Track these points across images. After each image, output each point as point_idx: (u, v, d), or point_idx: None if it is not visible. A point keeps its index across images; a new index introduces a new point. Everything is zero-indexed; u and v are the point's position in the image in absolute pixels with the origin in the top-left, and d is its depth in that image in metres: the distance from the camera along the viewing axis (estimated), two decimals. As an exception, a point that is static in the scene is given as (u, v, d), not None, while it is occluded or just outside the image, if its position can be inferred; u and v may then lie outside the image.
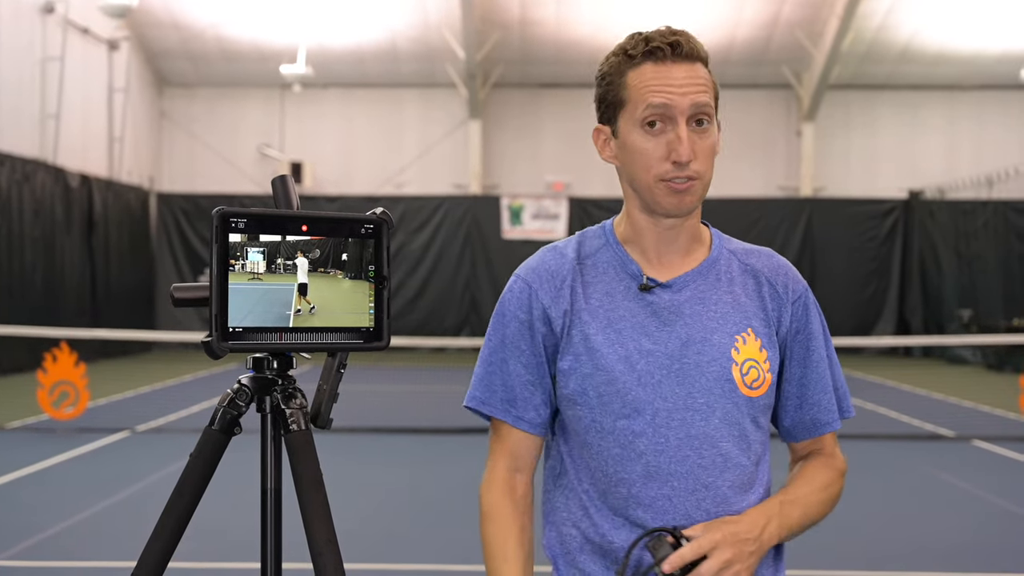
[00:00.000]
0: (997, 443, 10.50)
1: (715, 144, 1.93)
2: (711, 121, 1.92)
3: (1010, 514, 7.55)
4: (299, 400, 1.80)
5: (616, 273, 1.97)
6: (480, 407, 2.00)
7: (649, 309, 1.93)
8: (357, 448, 9.75)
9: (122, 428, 10.82)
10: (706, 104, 1.90)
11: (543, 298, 1.96)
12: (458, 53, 21.41)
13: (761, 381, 1.93)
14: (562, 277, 1.97)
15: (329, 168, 23.25)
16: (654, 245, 1.97)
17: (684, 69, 1.90)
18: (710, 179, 1.94)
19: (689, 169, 1.88)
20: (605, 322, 1.93)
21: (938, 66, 22.50)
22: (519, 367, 1.97)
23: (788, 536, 1.92)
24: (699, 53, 1.93)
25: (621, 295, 1.94)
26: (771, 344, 1.96)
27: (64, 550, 6.32)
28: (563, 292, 1.96)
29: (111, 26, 20.08)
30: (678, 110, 1.88)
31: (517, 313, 1.98)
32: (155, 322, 22.04)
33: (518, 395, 1.98)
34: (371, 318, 1.77)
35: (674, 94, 1.88)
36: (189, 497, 1.79)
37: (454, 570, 5.97)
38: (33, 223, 17.29)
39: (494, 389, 1.99)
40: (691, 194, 1.90)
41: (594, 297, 1.95)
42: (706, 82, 1.92)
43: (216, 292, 1.65)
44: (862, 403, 13.80)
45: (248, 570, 5.78)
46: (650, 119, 1.89)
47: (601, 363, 1.90)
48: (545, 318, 1.96)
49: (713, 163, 1.94)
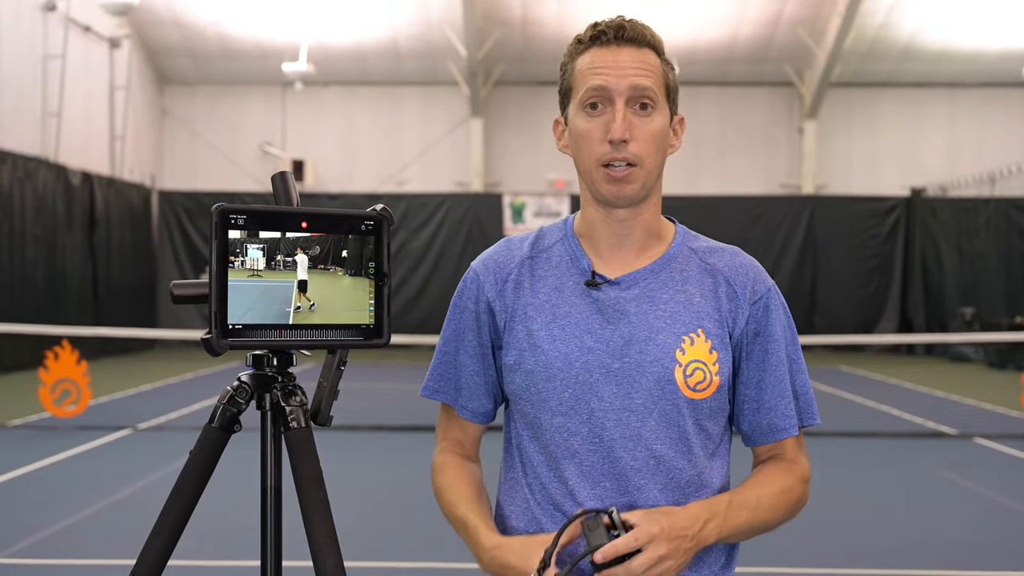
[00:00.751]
0: (999, 441, 10.49)
1: (661, 132, 1.88)
2: (656, 107, 1.88)
3: (1012, 511, 7.54)
4: (299, 397, 1.79)
5: (567, 268, 1.95)
6: (432, 395, 2.06)
7: (595, 306, 1.90)
8: (358, 446, 9.75)
9: (124, 426, 10.82)
10: (647, 88, 1.86)
11: (488, 290, 1.98)
12: (460, 51, 21.40)
13: (707, 383, 1.88)
14: (508, 271, 1.98)
15: (331, 166, 23.24)
16: (606, 239, 1.94)
17: (628, 53, 1.88)
18: (654, 168, 1.89)
19: (626, 151, 1.85)
20: (550, 317, 1.92)
21: (940, 64, 22.48)
22: (466, 357, 2.01)
23: (730, 538, 1.86)
24: (647, 39, 1.90)
25: (569, 290, 1.93)
26: (723, 346, 1.91)
27: (65, 548, 6.31)
28: (507, 286, 1.97)
29: (112, 24, 20.08)
30: (616, 91, 1.86)
31: (467, 303, 2.01)
32: (157, 320, 22.04)
33: (463, 384, 2.02)
34: (371, 315, 1.76)
35: (612, 76, 1.86)
36: (189, 495, 1.79)
37: (454, 568, 5.97)
38: (35, 221, 17.29)
39: (445, 378, 2.04)
40: (630, 183, 1.86)
41: (542, 292, 1.94)
42: (652, 68, 1.89)
43: (215, 289, 1.64)
44: (864, 401, 13.80)
45: (248, 568, 5.78)
46: (591, 101, 1.87)
47: (542, 359, 1.90)
48: (489, 310, 1.98)
49: (659, 153, 1.89)
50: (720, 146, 23.33)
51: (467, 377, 2.01)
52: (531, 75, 22.40)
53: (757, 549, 6.20)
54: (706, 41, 21.84)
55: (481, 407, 2.03)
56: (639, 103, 1.86)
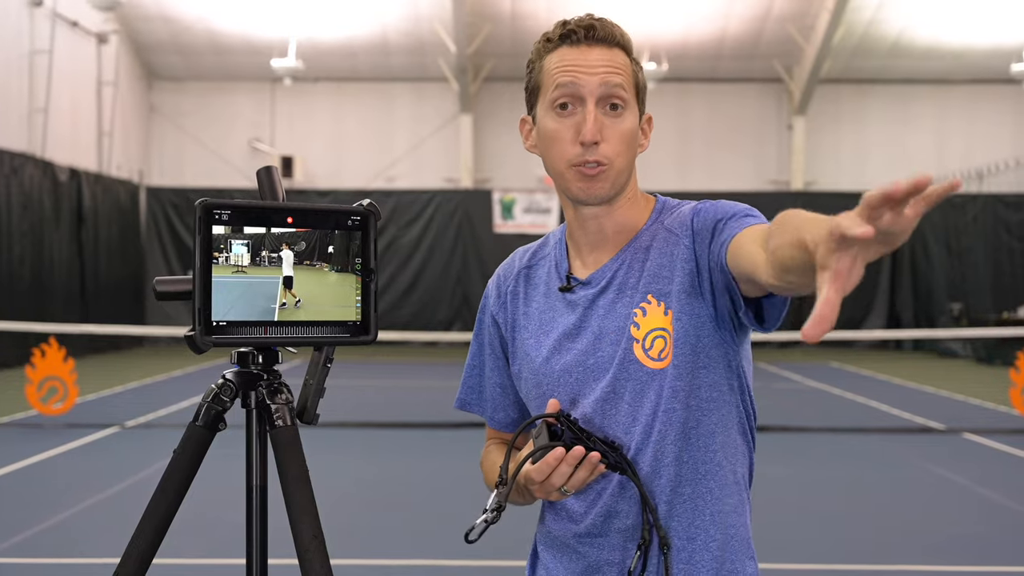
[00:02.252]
0: (987, 436, 10.52)
1: (632, 132, 1.85)
2: (626, 107, 1.85)
3: (1000, 507, 7.55)
4: (285, 395, 1.77)
5: (553, 273, 1.97)
6: (462, 407, 2.13)
7: (570, 308, 1.92)
8: (344, 443, 9.73)
9: (111, 424, 10.78)
10: (618, 86, 1.84)
11: (492, 305, 2.05)
12: (449, 47, 21.37)
13: (669, 349, 1.82)
14: (507, 284, 2.04)
15: (320, 162, 23.20)
16: (584, 239, 1.93)
17: (599, 52, 1.85)
18: (625, 167, 1.86)
19: (597, 152, 1.82)
20: (537, 324, 1.95)
21: (928, 60, 22.52)
22: (489, 370, 2.07)
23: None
24: (617, 38, 1.87)
25: (555, 296, 1.95)
26: (683, 298, 1.82)
27: (52, 546, 6.28)
28: (507, 299, 2.03)
29: (100, 19, 20.02)
30: (587, 90, 1.83)
31: (483, 318, 2.08)
32: (144, 317, 21.97)
33: (487, 396, 2.08)
34: (358, 312, 1.74)
35: (583, 74, 1.84)
36: (173, 494, 1.77)
37: (444, 565, 5.95)
38: (21, 217, 17.22)
39: (474, 390, 2.11)
40: (601, 180, 1.84)
41: (535, 300, 1.98)
42: (622, 67, 1.86)
43: (199, 285, 1.62)
44: (853, 396, 13.82)
45: (233, 566, 5.75)
46: (560, 101, 1.85)
47: (530, 366, 1.93)
48: (494, 323, 2.05)
49: (629, 153, 1.86)
50: (709, 142, 23.36)
51: (490, 389, 2.08)
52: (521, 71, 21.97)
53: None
54: (695, 37, 21.84)
55: (507, 417, 2.08)
56: (609, 103, 1.84)
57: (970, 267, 22.19)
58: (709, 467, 1.86)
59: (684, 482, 1.84)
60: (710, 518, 1.86)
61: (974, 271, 22.15)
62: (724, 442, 1.87)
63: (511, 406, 2.06)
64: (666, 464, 1.84)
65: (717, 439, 1.86)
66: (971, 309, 21.56)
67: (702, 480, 1.85)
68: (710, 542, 1.86)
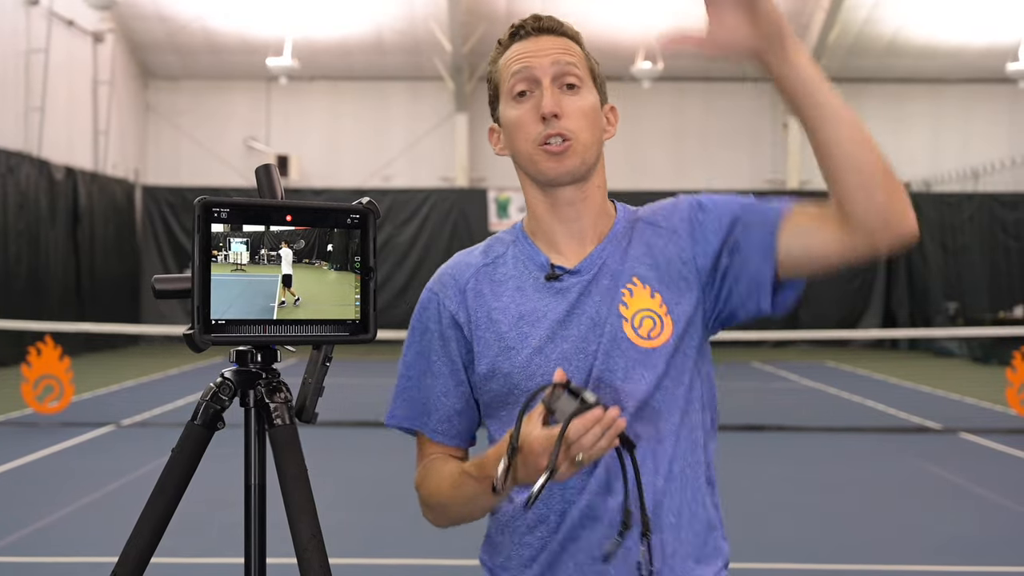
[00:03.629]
0: (983, 435, 10.53)
1: (592, 109, 1.89)
2: (583, 86, 1.89)
3: (997, 506, 7.56)
4: (283, 394, 1.76)
5: (525, 267, 1.93)
6: (399, 424, 2.01)
7: (559, 297, 1.89)
8: (342, 442, 9.72)
9: (107, 422, 10.77)
10: (570, 63, 1.88)
11: (449, 305, 1.94)
12: (445, 46, 21.37)
13: (659, 329, 1.85)
14: (465, 280, 1.95)
15: (316, 161, 23.19)
16: (559, 229, 1.92)
17: (548, 40, 1.91)
18: (591, 143, 1.88)
19: (558, 126, 1.85)
20: (516, 317, 1.89)
21: (924, 59, 22.54)
22: (432, 379, 1.96)
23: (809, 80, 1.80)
24: (564, 29, 1.94)
25: (531, 288, 1.91)
26: (670, 286, 1.87)
27: (48, 545, 6.28)
28: (467, 296, 1.93)
29: (96, 18, 19.99)
30: (540, 71, 1.88)
31: (428, 324, 1.97)
32: (140, 316, 21.94)
33: (433, 407, 1.97)
34: (357, 310, 1.74)
35: (535, 58, 1.89)
36: (171, 493, 1.76)
37: (440, 565, 5.95)
38: (17, 216, 17.20)
39: (413, 403, 1.99)
40: (570, 156, 1.86)
41: (505, 295, 1.92)
42: (573, 51, 1.91)
43: (198, 284, 1.62)
44: (849, 396, 13.83)
45: (232, 565, 5.74)
46: (518, 88, 1.89)
47: (517, 359, 1.87)
48: (454, 323, 1.94)
49: (592, 129, 1.88)
50: (705, 142, 23.36)
51: (436, 399, 1.96)
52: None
53: (746, 546, 6.20)
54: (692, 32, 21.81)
55: (453, 428, 1.97)
56: (565, 83, 1.88)
57: (966, 266, 22.22)
58: (694, 446, 1.89)
59: (677, 459, 1.86)
60: (692, 495, 1.88)
61: (970, 270, 22.17)
62: (702, 421, 1.91)
63: (459, 417, 1.96)
64: (668, 441, 1.85)
65: (696, 417, 1.89)
66: (967, 308, 21.58)
67: (689, 456, 1.88)
68: (693, 519, 1.88)
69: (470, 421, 1.99)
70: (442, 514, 1.96)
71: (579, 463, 1.64)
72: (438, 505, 1.94)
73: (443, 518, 1.97)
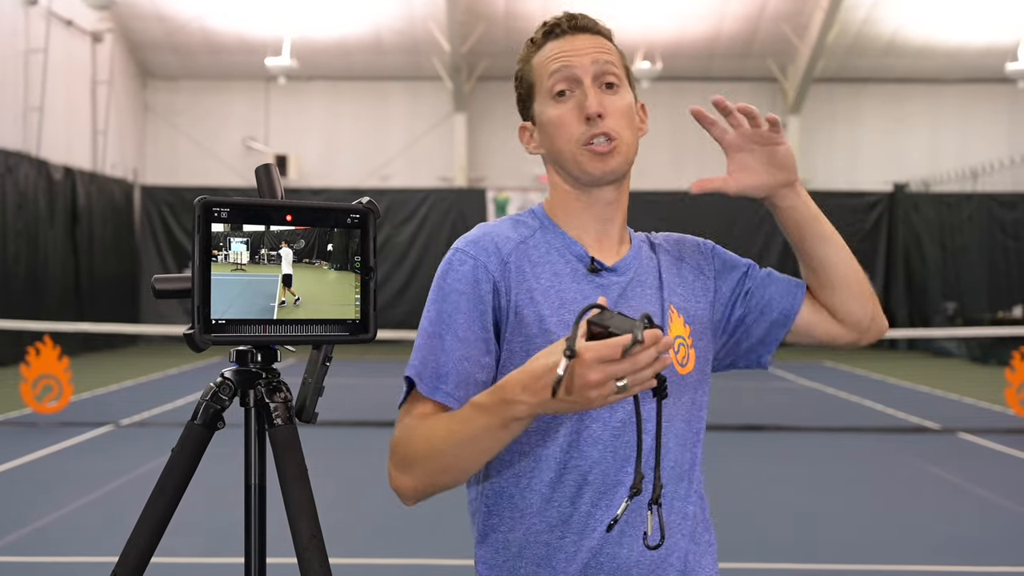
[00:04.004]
0: (982, 435, 10.53)
1: (630, 108, 1.91)
2: (621, 85, 1.90)
3: (995, 506, 7.56)
4: (283, 394, 1.76)
5: (560, 254, 1.90)
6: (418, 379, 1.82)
7: (600, 291, 1.87)
8: (343, 442, 9.72)
9: (106, 422, 10.77)
10: (609, 62, 1.89)
11: (492, 270, 1.84)
12: (443, 46, 21.37)
13: (687, 358, 1.92)
14: (507, 252, 1.87)
15: (314, 161, 23.19)
16: (592, 227, 1.92)
17: (584, 39, 1.92)
18: (632, 145, 1.90)
19: (603, 125, 1.86)
20: (558, 303, 1.84)
21: (923, 59, 22.55)
22: (455, 341, 1.81)
23: (806, 210, 1.98)
24: (599, 27, 1.95)
25: (569, 276, 1.88)
26: (693, 319, 1.96)
27: (47, 545, 6.27)
28: (509, 267, 1.85)
29: (95, 18, 19.99)
30: (581, 70, 1.88)
31: (461, 286, 1.83)
32: (139, 315, 21.93)
33: (450, 370, 1.81)
34: (357, 310, 1.74)
35: (574, 57, 1.89)
36: (171, 493, 1.76)
37: (439, 564, 5.95)
38: (16, 216, 17.19)
39: (427, 363, 1.83)
40: (614, 156, 1.87)
41: (543, 277, 1.87)
42: (610, 49, 1.92)
43: (198, 283, 1.62)
44: (848, 396, 13.83)
45: (232, 565, 5.74)
46: (558, 88, 1.89)
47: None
48: (495, 290, 1.84)
49: (632, 129, 1.91)
50: (704, 141, 23.05)
51: (456, 363, 1.81)
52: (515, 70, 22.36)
53: (744, 546, 6.21)
54: (690, 36, 21.85)
55: (467, 396, 1.78)
56: (605, 82, 1.89)
57: (965, 266, 22.22)
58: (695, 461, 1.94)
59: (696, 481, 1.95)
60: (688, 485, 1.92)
61: (969, 270, 22.17)
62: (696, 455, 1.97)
63: (475, 385, 1.80)
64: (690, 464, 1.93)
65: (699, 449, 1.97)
66: (966, 308, 21.58)
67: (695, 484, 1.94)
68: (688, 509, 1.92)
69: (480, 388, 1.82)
70: (424, 469, 1.78)
71: (622, 389, 1.50)
72: (422, 457, 1.76)
73: (422, 477, 1.79)
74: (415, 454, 1.77)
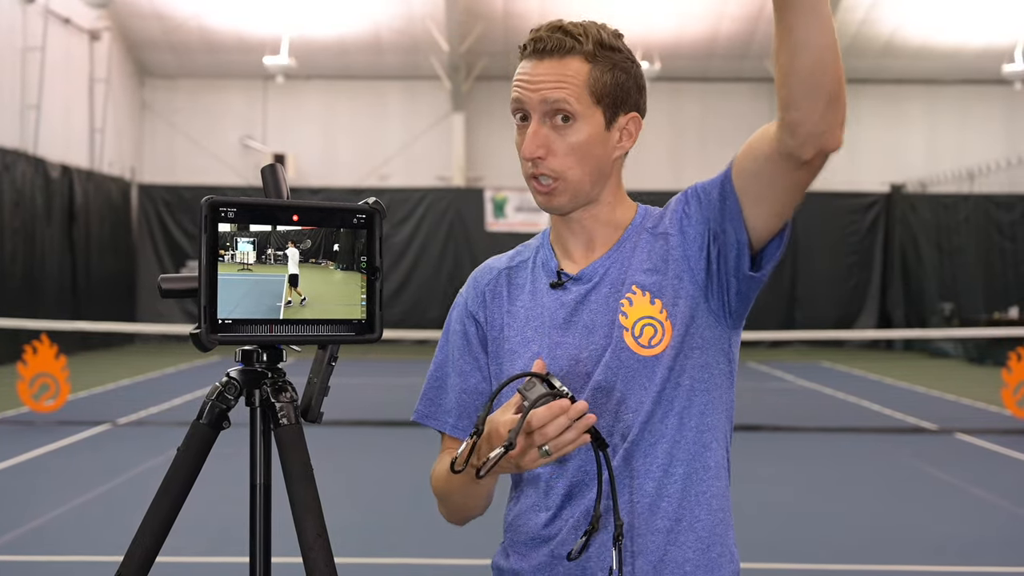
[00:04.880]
0: (979, 436, 10.54)
1: (584, 143, 1.85)
2: (578, 118, 1.85)
3: (992, 506, 7.57)
4: (289, 393, 1.76)
5: (543, 271, 1.96)
6: (422, 420, 2.04)
7: (559, 303, 1.91)
8: (347, 441, 9.71)
9: (103, 421, 10.76)
10: (559, 100, 1.84)
11: (471, 305, 2.00)
12: (442, 45, 21.36)
13: (660, 336, 1.85)
14: (486, 283, 2.01)
15: (312, 160, 23.17)
16: (570, 239, 1.95)
17: (547, 65, 1.86)
18: (582, 179, 1.87)
19: (543, 166, 1.85)
20: (523, 322, 1.93)
21: (920, 60, 22.56)
22: (456, 377, 2.00)
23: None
24: (567, 47, 1.86)
25: (542, 294, 1.94)
26: (668, 291, 1.86)
27: (44, 544, 6.27)
28: (486, 297, 1.99)
29: (92, 16, 19.97)
30: (529, 105, 1.86)
31: (455, 326, 2.03)
32: (136, 314, 21.93)
33: (453, 405, 2.00)
34: (363, 310, 1.74)
35: (526, 90, 1.86)
36: (177, 492, 1.76)
37: (443, 564, 5.95)
38: (13, 214, 17.17)
39: (434, 402, 2.03)
40: (557, 196, 1.87)
41: (519, 299, 1.96)
42: (569, 78, 1.85)
43: (205, 283, 1.62)
44: (845, 396, 13.85)
45: (237, 564, 5.74)
46: (517, 116, 1.90)
47: (518, 363, 1.90)
48: (474, 321, 1.99)
49: (584, 163, 1.86)
50: (702, 141, 23.37)
51: (456, 397, 1.99)
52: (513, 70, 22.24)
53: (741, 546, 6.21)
54: (688, 37, 21.86)
55: (471, 424, 1.97)
56: (560, 116, 1.85)
57: (961, 267, 22.23)
58: (698, 448, 1.87)
59: (676, 462, 1.85)
60: (696, 498, 1.86)
61: (965, 271, 22.19)
62: (712, 424, 1.89)
63: (476, 412, 1.97)
64: (662, 445, 1.85)
65: (707, 420, 1.88)
66: (962, 309, 21.59)
67: (692, 461, 1.86)
68: (695, 523, 1.86)
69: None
70: (446, 505, 1.98)
71: (546, 454, 1.65)
72: (441, 495, 1.96)
73: (448, 510, 1.99)
74: (437, 492, 1.98)
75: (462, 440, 1.96)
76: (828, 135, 1.78)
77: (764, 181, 1.82)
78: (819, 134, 1.77)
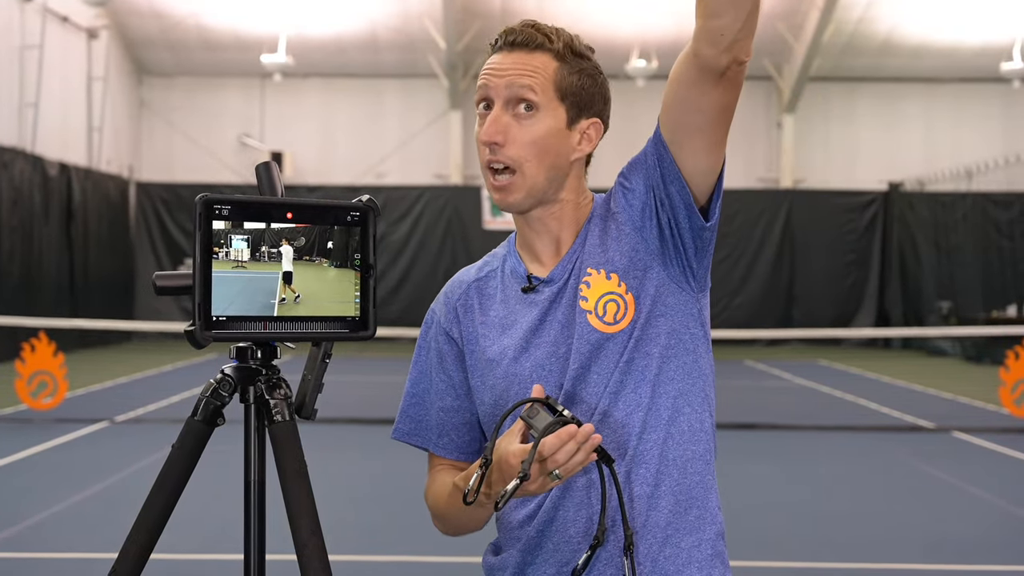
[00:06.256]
0: (977, 434, 10.55)
1: (544, 136, 1.85)
2: (540, 109, 1.85)
3: (990, 505, 7.58)
4: (283, 390, 1.77)
5: (513, 278, 1.95)
6: (404, 438, 2.05)
7: (533, 307, 1.91)
8: (342, 439, 9.72)
9: (101, 418, 10.76)
10: (525, 87, 1.84)
11: (443, 322, 1.99)
12: (439, 43, 21.36)
13: (624, 310, 1.85)
14: (456, 297, 2.00)
15: (310, 158, 23.17)
16: (536, 242, 1.94)
17: (516, 56, 1.88)
18: (539, 174, 1.86)
19: (500, 153, 1.84)
20: (499, 331, 1.93)
21: (918, 59, 22.56)
22: (434, 396, 2.01)
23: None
24: (537, 42, 1.88)
25: (514, 300, 1.94)
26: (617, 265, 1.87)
27: (42, 541, 6.27)
28: (457, 312, 1.98)
29: (90, 14, 19.95)
30: (494, 91, 1.86)
31: (429, 342, 2.02)
32: (134, 312, 21.92)
33: (434, 423, 2.01)
34: (357, 307, 1.75)
35: (493, 77, 1.87)
36: (171, 489, 1.77)
37: (437, 562, 5.96)
38: (11, 212, 17.16)
39: (416, 420, 2.04)
40: (512, 192, 1.87)
41: (492, 309, 1.95)
42: (537, 69, 1.86)
43: (199, 280, 1.63)
44: (842, 395, 13.85)
45: (231, 561, 5.75)
46: (480, 105, 1.89)
47: (499, 371, 1.90)
48: (449, 339, 1.98)
49: (543, 157, 1.85)
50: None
51: (436, 415, 2.00)
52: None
53: (739, 545, 6.22)
54: (686, 35, 21.59)
55: (453, 443, 2.00)
56: (523, 105, 1.85)
57: (959, 266, 22.23)
58: (672, 413, 1.87)
59: (650, 428, 1.85)
60: (672, 462, 1.86)
61: (963, 270, 22.19)
62: (686, 389, 1.88)
63: (457, 428, 1.99)
64: (638, 414, 1.85)
65: (680, 385, 1.88)
66: (960, 308, 21.60)
67: (668, 426, 1.86)
68: (674, 486, 1.86)
69: (471, 434, 2.01)
70: (445, 524, 2.01)
71: (556, 477, 1.69)
72: (440, 515, 1.99)
73: (447, 528, 2.01)
74: (434, 510, 2.01)
75: (447, 458, 2.01)
76: (744, 43, 1.79)
77: (690, 108, 1.82)
78: (737, 41, 1.77)
